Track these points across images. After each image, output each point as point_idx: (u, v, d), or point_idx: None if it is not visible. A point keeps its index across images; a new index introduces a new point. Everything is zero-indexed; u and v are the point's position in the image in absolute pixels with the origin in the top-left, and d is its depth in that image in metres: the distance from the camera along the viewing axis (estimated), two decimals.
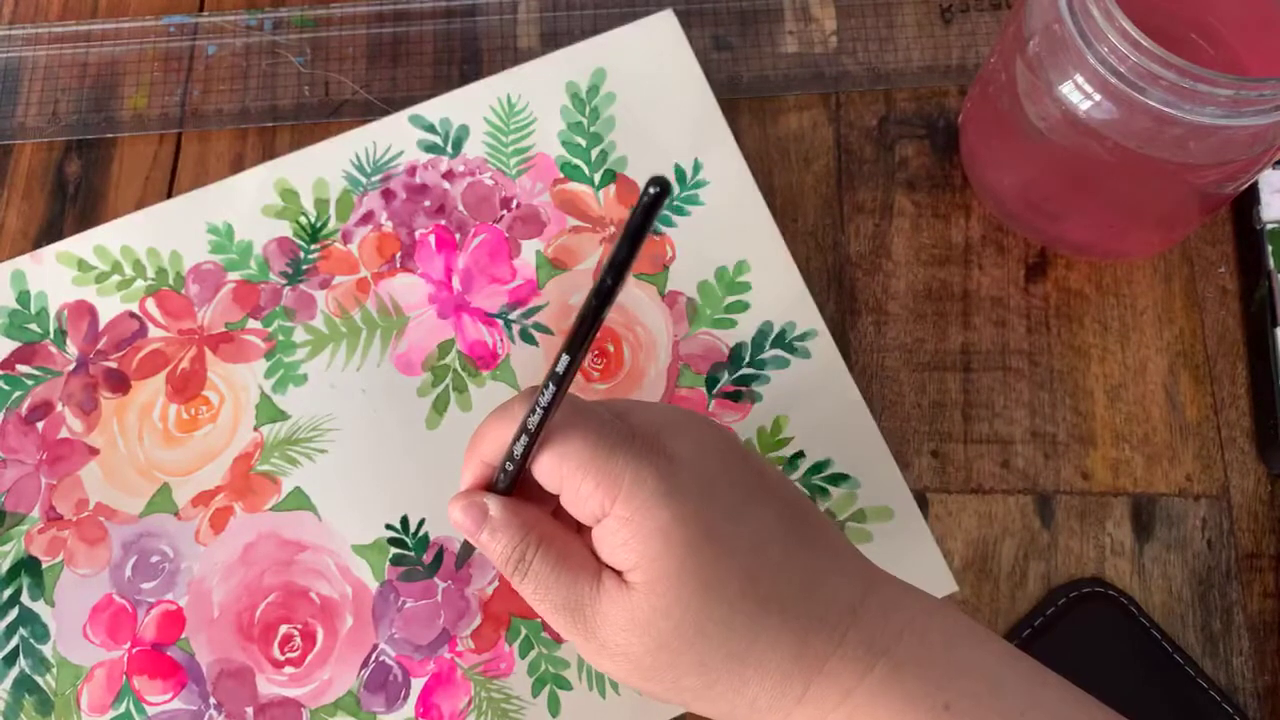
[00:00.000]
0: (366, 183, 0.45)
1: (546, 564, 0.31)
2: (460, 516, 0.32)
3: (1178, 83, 0.32)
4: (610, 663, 0.31)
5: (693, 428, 0.32)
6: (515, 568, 0.31)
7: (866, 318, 0.43)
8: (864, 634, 0.30)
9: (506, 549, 0.31)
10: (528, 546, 0.31)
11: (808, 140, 0.46)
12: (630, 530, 0.29)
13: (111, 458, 0.42)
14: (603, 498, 0.30)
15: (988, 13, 0.47)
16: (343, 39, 0.48)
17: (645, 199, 0.24)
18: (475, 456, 0.33)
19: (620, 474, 0.30)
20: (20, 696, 0.39)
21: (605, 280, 0.26)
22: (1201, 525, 0.40)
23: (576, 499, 0.30)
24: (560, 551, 0.31)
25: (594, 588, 0.31)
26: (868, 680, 0.29)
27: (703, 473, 0.30)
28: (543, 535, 0.31)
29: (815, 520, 0.32)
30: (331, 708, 0.39)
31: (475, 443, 0.33)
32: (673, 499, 0.29)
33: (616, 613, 0.30)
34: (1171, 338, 0.42)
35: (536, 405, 0.29)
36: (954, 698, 0.29)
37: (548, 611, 0.31)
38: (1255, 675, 0.38)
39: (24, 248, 0.45)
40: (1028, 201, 0.42)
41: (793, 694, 0.30)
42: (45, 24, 0.49)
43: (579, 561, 0.31)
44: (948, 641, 0.30)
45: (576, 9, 0.48)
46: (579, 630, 0.31)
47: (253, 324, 0.43)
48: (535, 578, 0.31)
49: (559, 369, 0.28)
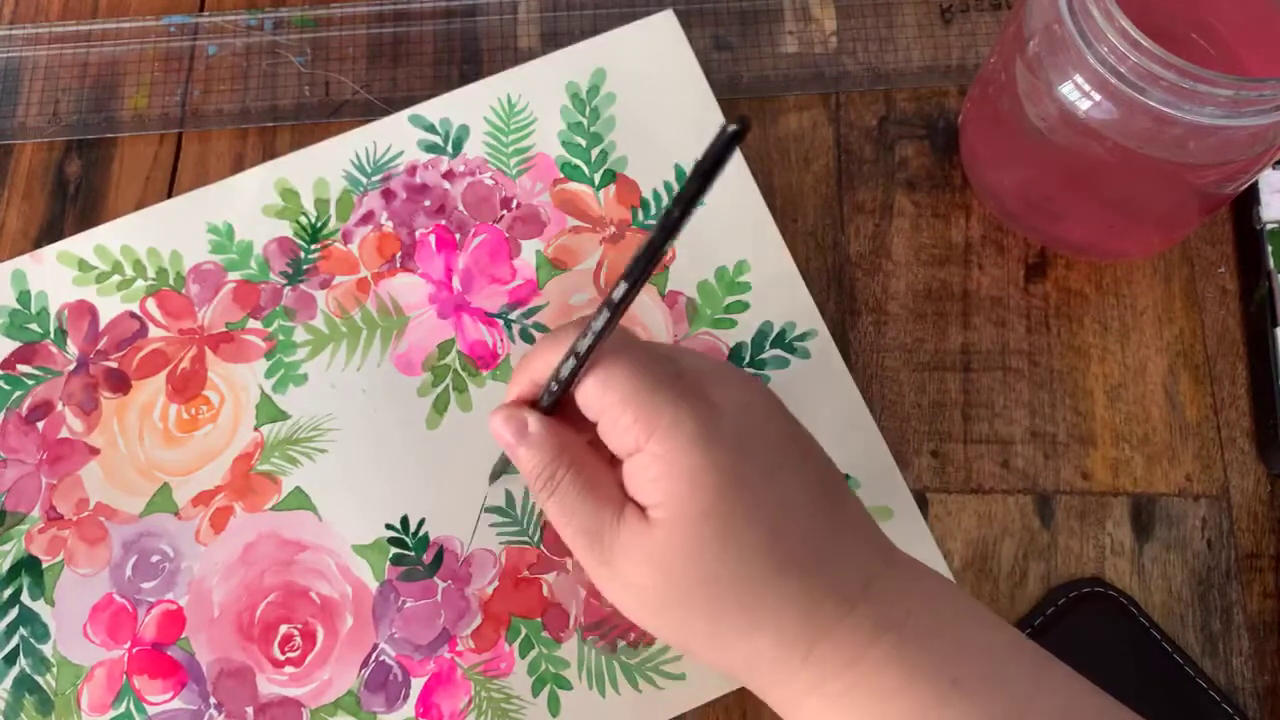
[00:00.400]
0: (367, 183, 0.45)
1: (575, 486, 0.32)
2: (500, 427, 0.33)
3: (1178, 83, 0.32)
4: (623, 593, 0.32)
5: (738, 382, 0.32)
6: (545, 485, 0.32)
7: (866, 318, 0.43)
8: (874, 607, 0.30)
9: (539, 465, 0.32)
10: (559, 465, 0.32)
11: (808, 140, 0.46)
12: (661, 467, 0.30)
13: (112, 457, 0.42)
14: (639, 432, 0.30)
15: (988, 13, 0.47)
16: (343, 39, 0.48)
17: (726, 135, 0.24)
18: (524, 374, 0.33)
19: (660, 412, 0.30)
20: (20, 696, 0.39)
21: (672, 212, 0.26)
22: (1201, 525, 0.40)
23: (614, 430, 0.31)
24: (590, 477, 0.32)
25: (616, 517, 0.31)
26: (873, 652, 0.30)
27: (742, 427, 0.31)
28: (575, 458, 0.32)
29: (843, 492, 0.33)
30: (331, 707, 0.39)
31: (526, 362, 0.33)
32: (709, 445, 0.30)
33: (634, 545, 0.31)
34: (1171, 338, 0.42)
35: (589, 329, 0.30)
36: (962, 674, 0.29)
37: (569, 533, 0.32)
38: (1255, 675, 0.38)
39: (24, 248, 0.45)
40: (1028, 201, 0.42)
41: (797, 653, 0.30)
42: (45, 24, 0.49)
43: (606, 491, 0.32)
44: (957, 621, 0.31)
45: (576, 9, 0.48)
46: (596, 556, 0.31)
47: (253, 324, 0.43)
48: (562, 497, 0.32)
49: (615, 296, 0.29)
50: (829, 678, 0.30)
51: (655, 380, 0.30)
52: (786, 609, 0.30)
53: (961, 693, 0.29)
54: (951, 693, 0.29)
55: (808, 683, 0.30)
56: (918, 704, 0.29)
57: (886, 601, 0.30)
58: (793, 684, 0.30)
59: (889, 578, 0.31)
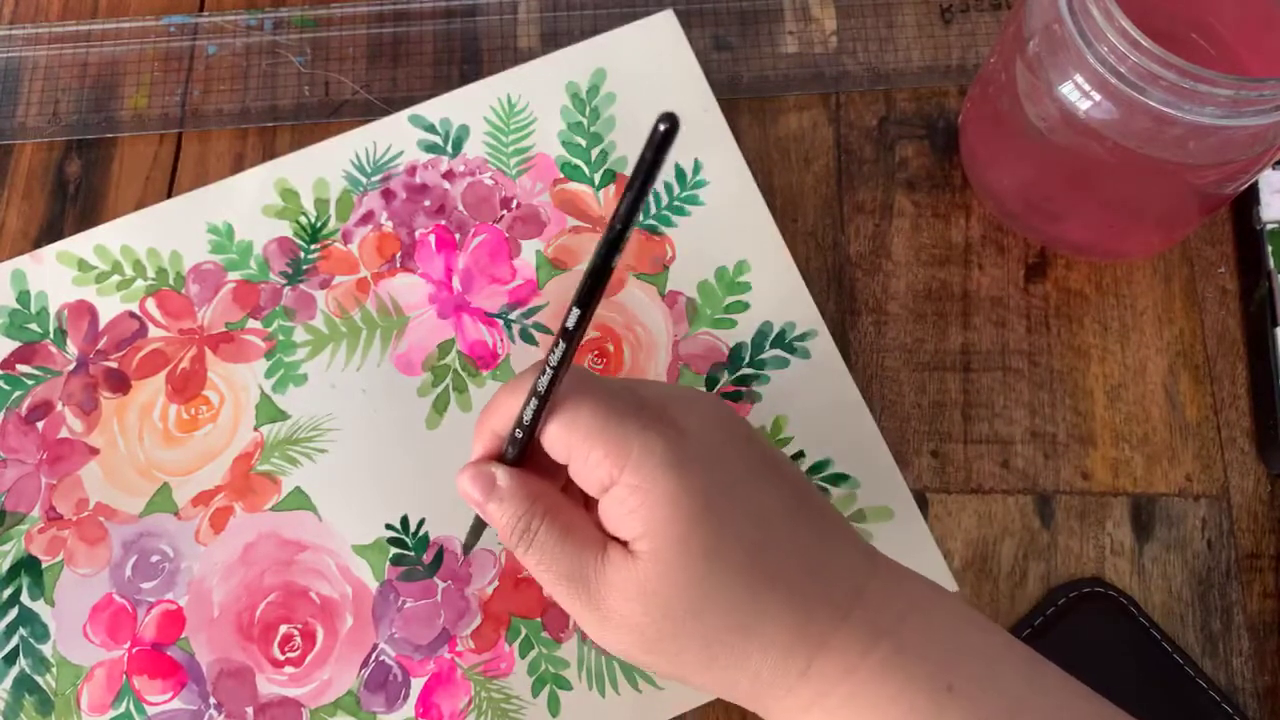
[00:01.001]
0: (366, 183, 0.45)
1: (552, 534, 0.31)
2: (468, 486, 0.32)
3: (1178, 83, 0.32)
4: (614, 634, 0.31)
5: (701, 403, 0.32)
6: (520, 537, 0.32)
7: (866, 318, 0.43)
8: (868, 614, 0.30)
9: (512, 518, 0.32)
10: (533, 516, 0.31)
11: (808, 140, 0.46)
12: (638, 498, 0.30)
13: (111, 457, 0.42)
14: (611, 466, 0.30)
15: (988, 13, 0.47)
16: (343, 39, 0.48)
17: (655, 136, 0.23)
18: (486, 428, 0.33)
19: (629, 443, 0.30)
20: (20, 696, 0.39)
21: (614, 227, 0.26)
22: (1201, 525, 0.40)
23: (585, 467, 0.31)
24: (566, 523, 0.32)
25: (599, 558, 0.31)
26: (870, 659, 0.29)
27: (710, 446, 0.31)
28: (549, 506, 0.32)
29: (819, 503, 0.32)
30: (331, 707, 0.39)
31: (485, 415, 0.33)
32: (681, 468, 0.30)
33: (622, 581, 0.30)
34: (1171, 338, 0.42)
35: (546, 365, 0.29)
36: (957, 680, 0.29)
37: (551, 582, 0.32)
38: (1255, 675, 0.38)
39: (24, 248, 0.45)
40: (1028, 201, 0.42)
41: (795, 669, 0.30)
42: (45, 24, 0.49)
43: (584, 534, 0.31)
44: (951, 626, 0.31)
45: (576, 9, 0.48)
46: (583, 600, 0.31)
47: (253, 324, 0.43)
48: (540, 548, 0.31)
49: (569, 324, 0.28)
50: (828, 690, 0.30)
51: (620, 412, 0.30)
52: (780, 622, 0.30)
53: (957, 698, 0.29)
54: (948, 699, 0.29)
55: (807, 697, 0.30)
56: (914, 711, 0.29)
57: (878, 607, 0.30)
58: (792, 699, 0.30)
59: (878, 581, 0.31)
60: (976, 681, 0.29)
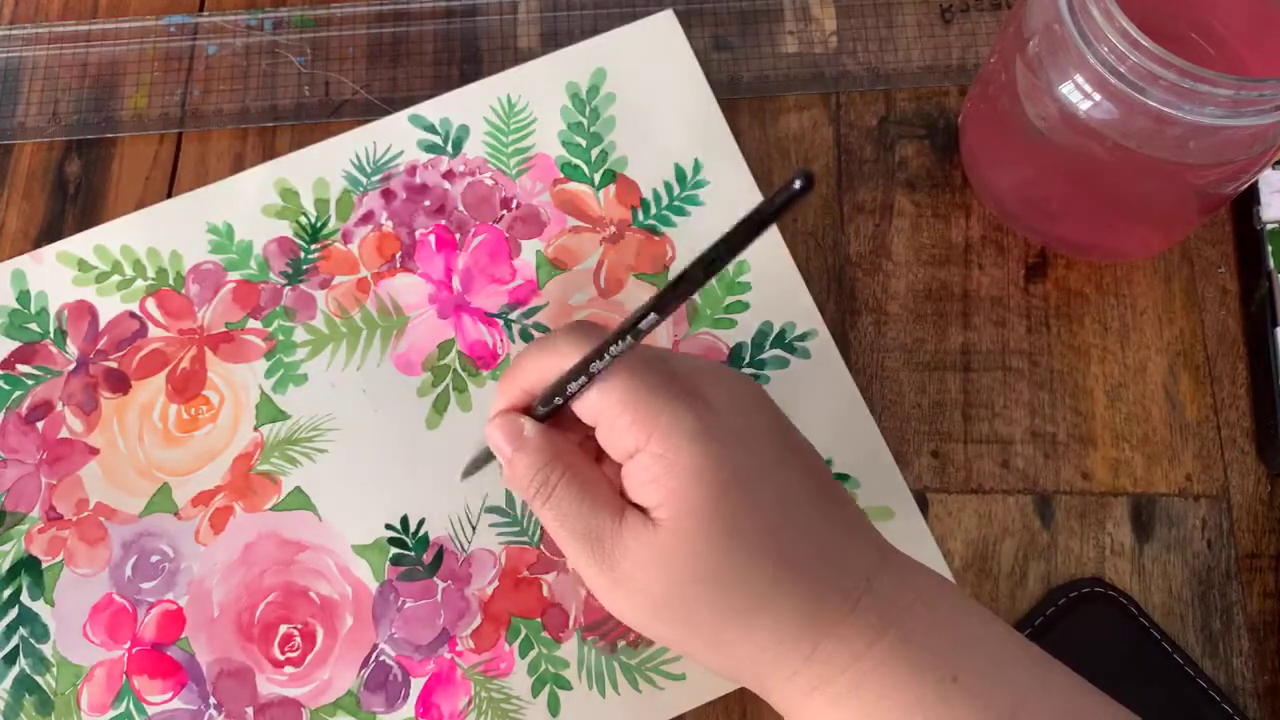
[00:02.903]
0: (366, 183, 0.45)
1: (571, 490, 0.32)
2: (496, 434, 0.33)
3: (1178, 83, 0.32)
4: (625, 599, 0.31)
5: (731, 380, 0.32)
6: (539, 489, 0.32)
7: (866, 318, 0.43)
8: (877, 603, 0.30)
9: (532, 469, 0.32)
10: (553, 470, 0.32)
11: (808, 140, 0.46)
12: (662, 466, 0.30)
13: (111, 457, 0.42)
14: (639, 433, 0.30)
15: (988, 13, 0.47)
16: (343, 39, 0.48)
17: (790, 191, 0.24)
18: (513, 382, 0.33)
19: (658, 412, 0.30)
20: (20, 696, 0.39)
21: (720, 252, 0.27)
22: (1201, 525, 0.40)
23: (612, 433, 0.31)
24: (585, 481, 0.32)
25: (616, 520, 0.31)
26: (877, 648, 0.30)
27: (738, 424, 0.31)
28: (570, 463, 0.32)
29: (837, 491, 0.33)
30: (331, 708, 0.39)
31: (514, 370, 0.33)
32: (708, 442, 0.30)
33: (638, 546, 0.30)
34: (1171, 338, 0.42)
35: (606, 352, 0.30)
36: (962, 671, 0.29)
37: (567, 540, 0.32)
38: (1255, 675, 0.38)
39: (24, 248, 0.45)
40: (1028, 201, 0.42)
41: (801, 652, 0.30)
42: (45, 24, 0.49)
43: (604, 494, 0.32)
44: (956, 618, 0.31)
45: (576, 9, 0.48)
46: (597, 561, 0.31)
47: (253, 324, 0.43)
48: (558, 502, 0.32)
49: (642, 326, 0.29)
50: (833, 676, 0.30)
51: (651, 382, 0.31)
52: (790, 605, 0.30)
53: (962, 689, 0.29)
54: (953, 689, 0.29)
55: (811, 681, 0.30)
56: (920, 701, 0.29)
57: (887, 597, 0.30)
58: (796, 682, 0.30)
59: (888, 574, 0.31)
60: (981, 673, 0.30)
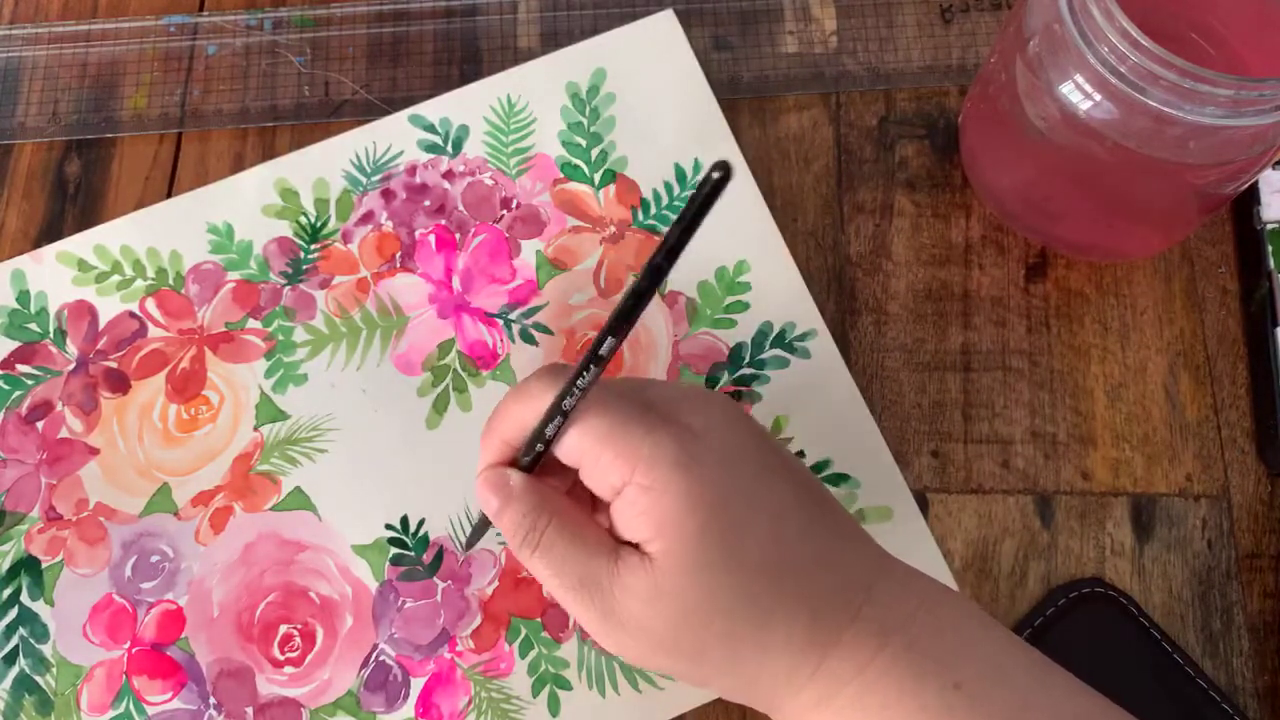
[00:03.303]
0: (366, 182, 0.45)
1: (561, 536, 0.31)
2: (483, 489, 0.32)
3: (1178, 83, 0.32)
4: (631, 640, 0.31)
5: (711, 403, 0.32)
6: (526, 537, 0.31)
7: (866, 318, 0.43)
8: (878, 612, 0.30)
9: (519, 519, 0.32)
10: (539, 516, 0.31)
11: (808, 140, 0.46)
12: (651, 498, 0.30)
13: (111, 457, 0.42)
14: (622, 467, 0.30)
15: (988, 13, 0.47)
16: (343, 39, 0.48)
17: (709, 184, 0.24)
18: (495, 436, 0.33)
19: (639, 444, 0.30)
20: (20, 696, 0.39)
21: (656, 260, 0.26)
22: (1201, 525, 0.40)
23: (596, 471, 0.31)
24: (576, 526, 0.31)
25: (612, 562, 0.31)
26: (881, 657, 0.30)
27: (721, 445, 0.31)
28: (558, 510, 0.32)
29: (828, 501, 0.32)
30: (331, 708, 0.39)
31: (493, 424, 0.33)
32: (692, 467, 0.30)
33: (638, 585, 0.30)
34: (1171, 338, 0.42)
35: (575, 387, 0.30)
36: (964, 678, 0.29)
37: (562, 589, 0.31)
38: (1255, 675, 0.38)
39: (24, 248, 0.45)
40: (1028, 201, 0.42)
41: (808, 667, 0.30)
42: (45, 24, 0.49)
43: (596, 538, 0.31)
44: (958, 625, 0.31)
45: (576, 9, 0.48)
46: (595, 607, 0.31)
47: (253, 324, 0.43)
48: (548, 550, 0.31)
49: (602, 352, 0.29)
50: (839, 688, 0.30)
51: (628, 414, 0.30)
52: (795, 619, 0.30)
53: (965, 696, 0.29)
54: (955, 696, 0.29)
55: (818, 694, 0.30)
56: (923, 708, 0.29)
57: (888, 605, 0.30)
58: (803, 697, 0.30)
59: (888, 581, 0.31)
60: (984, 679, 0.30)
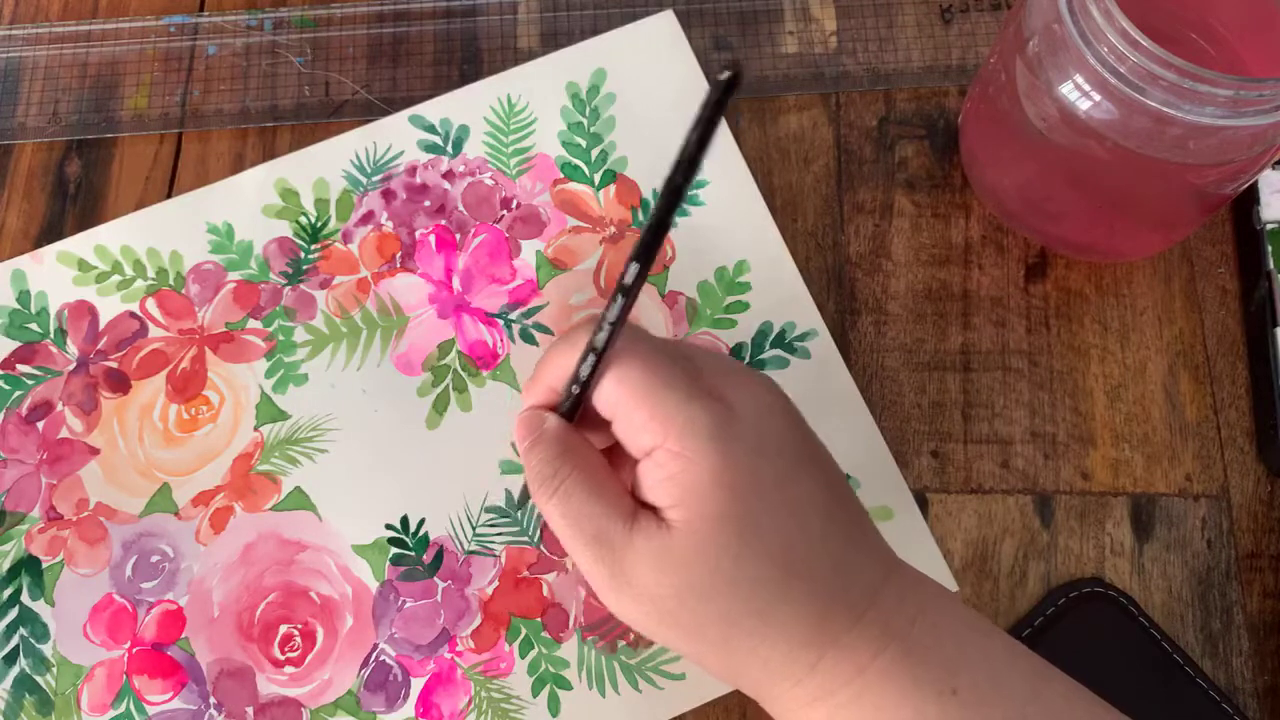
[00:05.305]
0: (366, 183, 0.45)
1: (581, 487, 0.31)
2: (519, 428, 0.32)
3: (1178, 83, 0.32)
4: (633, 604, 0.31)
5: (756, 384, 0.32)
6: (545, 483, 0.31)
7: (866, 318, 0.43)
8: (881, 616, 0.30)
9: (543, 462, 0.31)
10: (564, 463, 0.31)
11: (808, 140, 0.46)
12: (679, 465, 0.29)
13: (111, 457, 0.42)
14: (656, 429, 0.30)
15: (988, 13, 0.47)
16: (343, 39, 0.48)
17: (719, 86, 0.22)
18: (539, 382, 0.33)
19: (675, 410, 0.29)
20: (20, 696, 0.39)
21: (675, 178, 0.25)
22: (1201, 525, 0.40)
23: (629, 427, 0.30)
24: (599, 481, 0.31)
25: (627, 522, 0.30)
26: (879, 660, 0.30)
27: (759, 429, 0.30)
28: (583, 462, 0.31)
29: (853, 501, 0.32)
30: (331, 707, 0.39)
31: (539, 369, 0.33)
32: (726, 445, 0.29)
33: (650, 549, 0.30)
34: (1171, 338, 0.42)
35: (604, 320, 0.29)
36: (961, 684, 0.29)
37: (574, 541, 0.31)
38: (1255, 675, 0.38)
39: (24, 248, 0.45)
40: (1028, 201, 0.42)
41: (806, 661, 0.30)
42: (45, 24, 0.49)
43: (616, 497, 0.31)
44: (957, 631, 0.31)
45: (576, 9, 0.48)
46: (605, 564, 0.30)
47: (253, 324, 0.43)
48: (565, 498, 0.31)
49: (627, 280, 0.28)
50: (836, 688, 0.30)
51: (669, 378, 0.30)
52: (798, 616, 0.30)
53: (961, 703, 0.29)
54: (952, 703, 0.29)
55: (814, 692, 0.30)
56: (919, 714, 0.29)
57: (891, 610, 0.30)
58: (797, 692, 0.30)
59: (893, 586, 0.31)
60: (980, 686, 0.30)
